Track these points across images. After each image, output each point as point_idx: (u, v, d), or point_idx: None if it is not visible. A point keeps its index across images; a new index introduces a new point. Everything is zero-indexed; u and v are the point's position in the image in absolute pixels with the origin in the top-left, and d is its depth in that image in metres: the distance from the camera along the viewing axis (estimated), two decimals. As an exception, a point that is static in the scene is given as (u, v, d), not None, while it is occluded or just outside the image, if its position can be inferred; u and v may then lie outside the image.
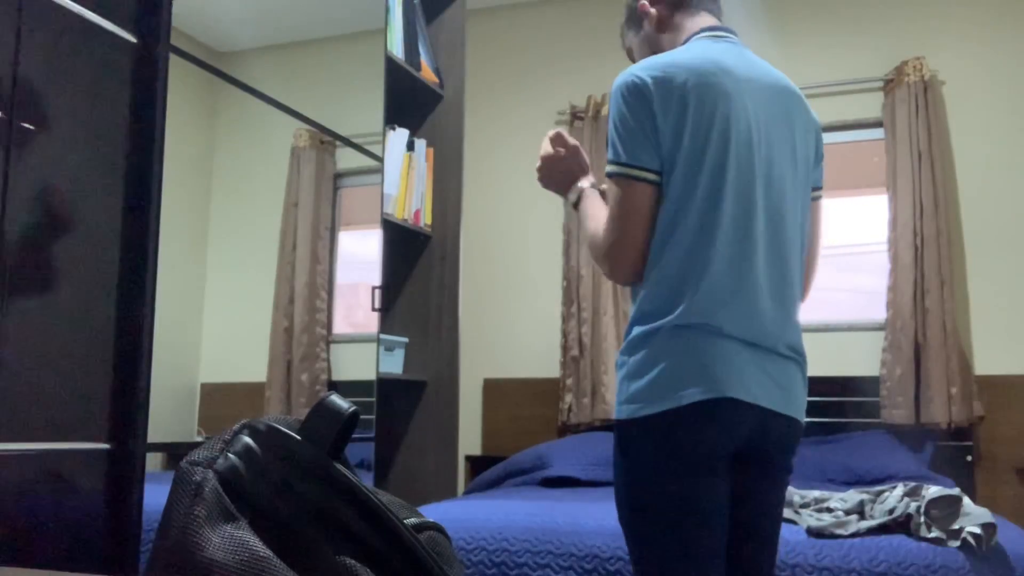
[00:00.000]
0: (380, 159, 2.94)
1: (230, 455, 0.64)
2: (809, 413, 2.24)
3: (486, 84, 4.43)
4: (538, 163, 1.73)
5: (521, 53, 4.57)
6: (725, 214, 1.50)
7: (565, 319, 4.23)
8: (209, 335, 2.11)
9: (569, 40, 4.50)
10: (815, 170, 1.70)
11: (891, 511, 2.24)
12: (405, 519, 0.65)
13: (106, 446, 1.78)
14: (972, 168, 3.80)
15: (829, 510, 2.36)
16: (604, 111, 4.22)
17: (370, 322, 2.90)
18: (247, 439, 0.65)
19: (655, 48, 1.72)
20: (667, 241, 1.50)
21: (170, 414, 1.97)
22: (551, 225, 4.37)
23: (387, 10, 3.06)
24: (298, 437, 0.65)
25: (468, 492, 3.57)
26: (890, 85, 3.87)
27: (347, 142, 2.76)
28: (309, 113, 2.54)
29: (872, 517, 2.27)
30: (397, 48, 3.16)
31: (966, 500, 2.20)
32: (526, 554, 2.33)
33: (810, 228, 1.68)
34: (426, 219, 3.36)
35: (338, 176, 2.74)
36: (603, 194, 1.65)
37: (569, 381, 4.14)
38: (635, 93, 1.52)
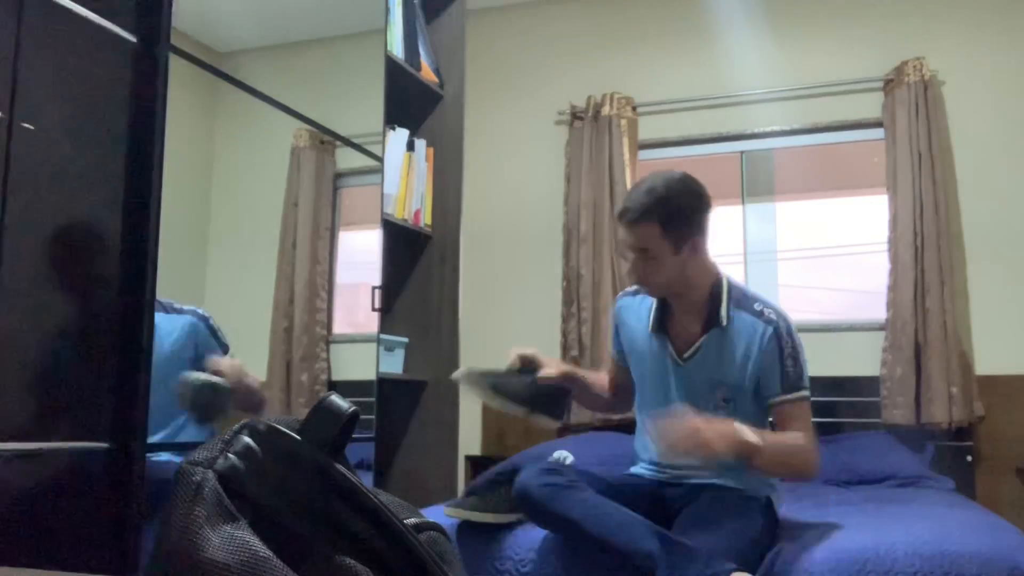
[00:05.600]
0: (380, 159, 2.94)
1: (230, 455, 0.64)
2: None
3: (486, 84, 4.42)
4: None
5: (521, 53, 4.57)
6: None
7: (565, 319, 4.22)
8: (209, 335, 2.11)
9: (569, 40, 4.49)
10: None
11: None
12: (405, 519, 0.65)
13: (106, 446, 1.78)
14: (972, 168, 3.80)
15: None
16: (604, 111, 4.22)
17: (370, 322, 2.90)
18: (247, 439, 0.65)
19: (681, 273, 2.02)
20: None
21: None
22: (551, 225, 4.37)
23: (387, 10, 3.06)
24: (298, 437, 0.65)
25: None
26: (890, 85, 3.86)
27: (347, 142, 2.76)
28: (309, 113, 2.53)
29: None
30: (397, 48, 3.16)
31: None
32: (527, 553, 2.33)
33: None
34: (426, 219, 3.36)
35: (338, 176, 2.74)
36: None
37: (569, 381, 4.13)
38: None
